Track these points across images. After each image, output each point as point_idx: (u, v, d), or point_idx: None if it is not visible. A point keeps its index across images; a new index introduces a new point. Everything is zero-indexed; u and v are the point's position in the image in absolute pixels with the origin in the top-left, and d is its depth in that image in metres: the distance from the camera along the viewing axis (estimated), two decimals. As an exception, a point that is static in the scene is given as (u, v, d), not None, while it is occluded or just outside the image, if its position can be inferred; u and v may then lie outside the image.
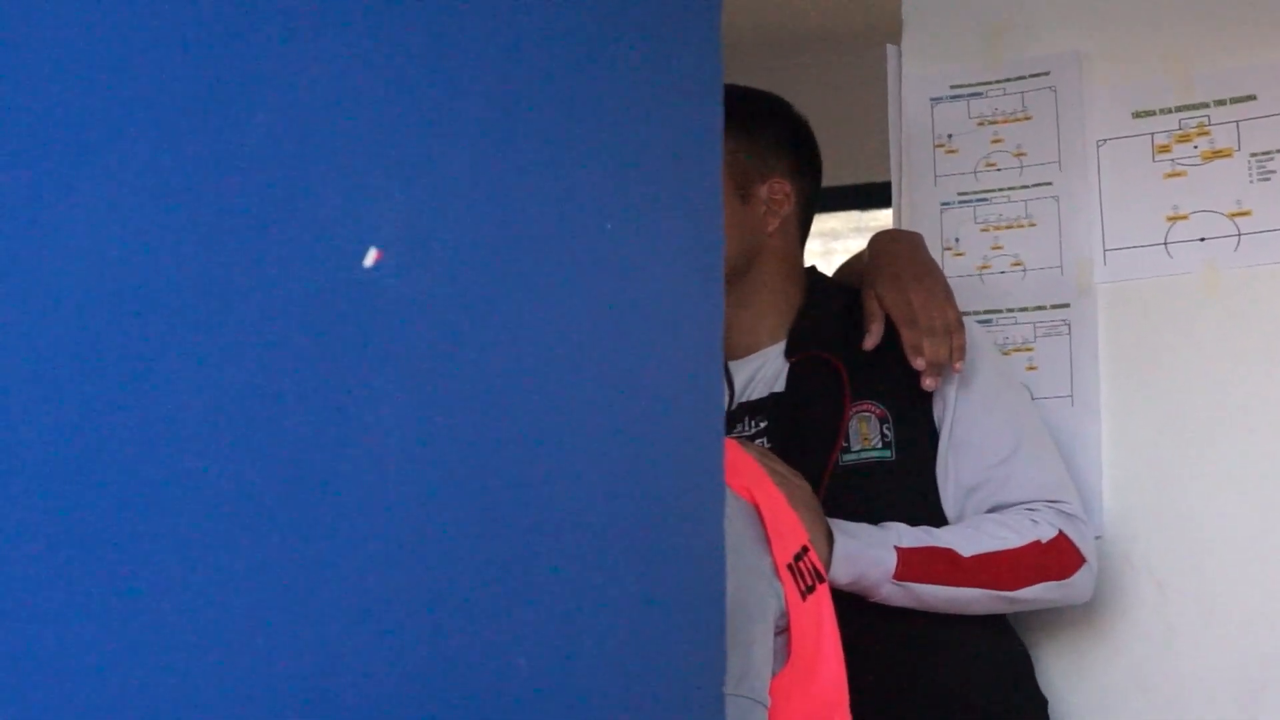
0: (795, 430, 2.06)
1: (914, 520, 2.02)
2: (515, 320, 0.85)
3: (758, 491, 1.51)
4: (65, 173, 0.64)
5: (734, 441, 1.61)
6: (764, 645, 1.42)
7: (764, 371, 2.11)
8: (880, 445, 2.05)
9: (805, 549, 1.53)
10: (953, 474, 2.05)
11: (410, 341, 0.78)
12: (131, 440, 0.66)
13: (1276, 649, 2.14)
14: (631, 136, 0.94)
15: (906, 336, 2.03)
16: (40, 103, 0.63)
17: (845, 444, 2.04)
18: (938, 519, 2.04)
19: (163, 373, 0.67)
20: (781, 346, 2.11)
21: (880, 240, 2.21)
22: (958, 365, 2.04)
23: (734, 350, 2.12)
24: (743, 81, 2.10)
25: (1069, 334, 2.28)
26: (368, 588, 0.75)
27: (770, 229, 2.11)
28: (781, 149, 2.14)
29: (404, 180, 0.79)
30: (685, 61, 0.99)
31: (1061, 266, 2.30)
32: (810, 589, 1.50)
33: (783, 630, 1.46)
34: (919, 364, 2.01)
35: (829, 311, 2.13)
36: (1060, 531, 2.02)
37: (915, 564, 1.96)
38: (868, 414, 2.05)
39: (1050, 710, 2.20)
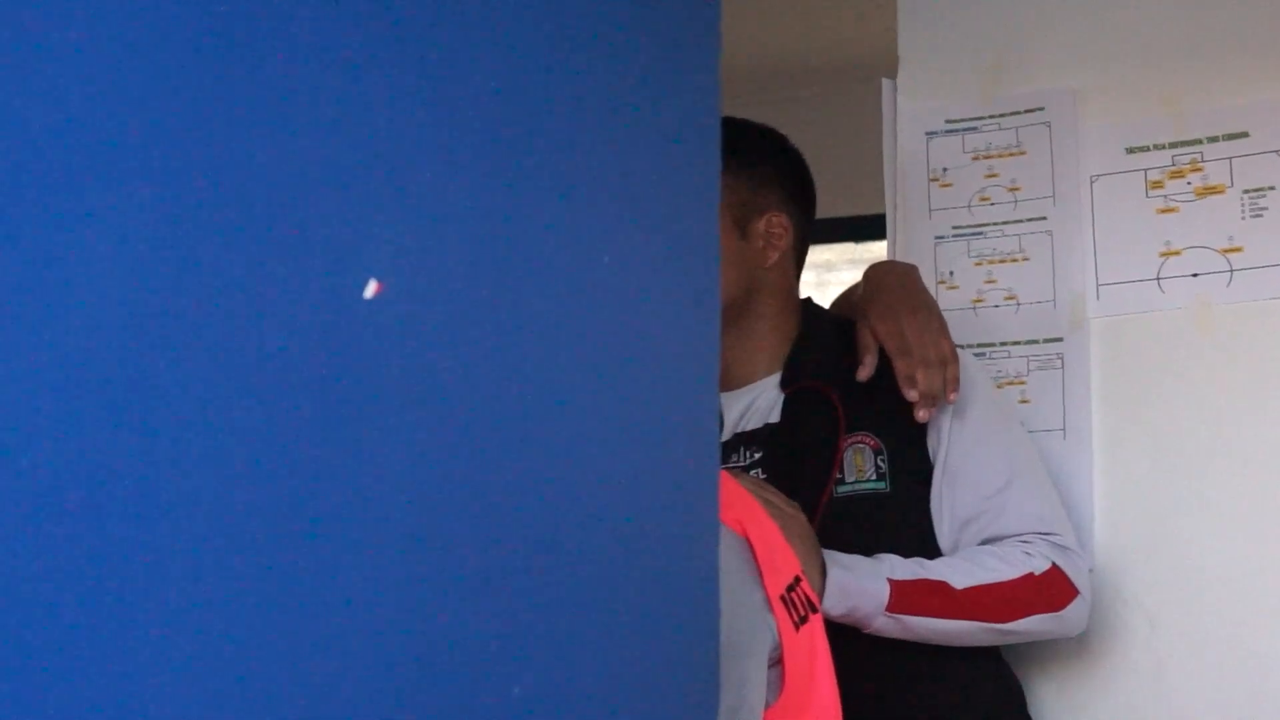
0: (790, 461, 2.06)
1: (908, 552, 2.02)
2: (511, 351, 0.85)
3: (749, 523, 1.52)
4: (73, 191, 0.65)
5: (726, 473, 1.61)
6: (757, 681, 1.42)
7: (759, 402, 2.11)
8: (875, 477, 2.05)
9: (798, 579, 1.53)
10: (947, 506, 2.05)
11: (407, 368, 0.79)
12: (139, 454, 0.66)
13: (1266, 684, 2.14)
14: (631, 169, 0.95)
15: (900, 367, 2.04)
16: (47, 129, 0.64)
17: (840, 475, 2.04)
18: (932, 550, 2.05)
19: (167, 389, 0.67)
20: (777, 378, 2.12)
21: (875, 271, 2.22)
22: (951, 396, 2.04)
23: (730, 381, 2.13)
24: (740, 114, 2.11)
25: (1062, 368, 2.28)
26: (363, 610, 0.76)
27: (769, 263, 2.12)
28: (778, 182, 2.15)
29: (403, 210, 0.79)
30: (684, 94, 1.00)
31: (1055, 300, 2.31)
32: (803, 620, 1.50)
33: (776, 662, 1.46)
34: (912, 395, 2.02)
35: (824, 343, 2.14)
36: (1053, 564, 2.02)
37: (908, 596, 1.95)
38: (862, 445, 2.06)
39: (1041, 744, 2.20)
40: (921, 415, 2.03)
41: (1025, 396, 2.30)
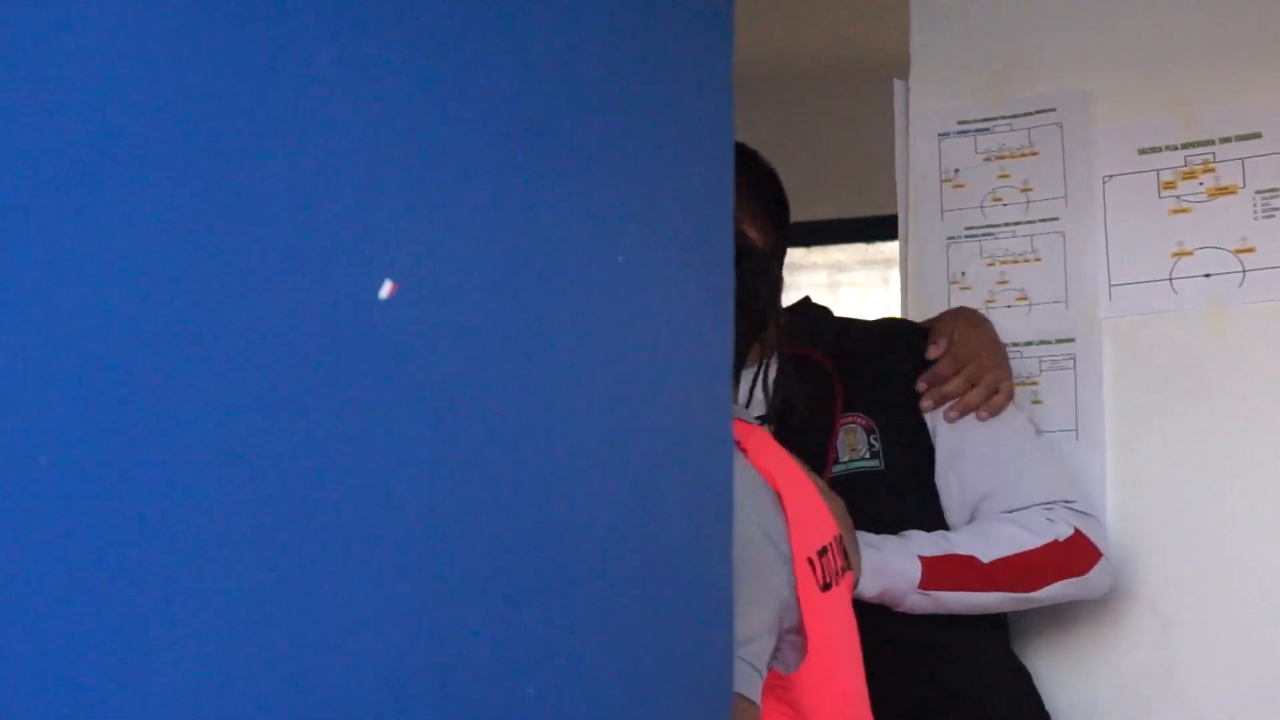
0: (786, 442, 2.07)
1: (903, 527, 2.04)
2: (525, 350, 0.85)
3: (783, 481, 1.51)
4: (89, 192, 0.65)
5: (772, 438, 1.61)
6: (761, 611, 1.41)
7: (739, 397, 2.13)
8: (868, 455, 2.07)
9: (827, 548, 1.52)
10: (956, 485, 2.07)
11: (422, 369, 0.79)
12: (151, 453, 0.66)
13: (1277, 684, 2.14)
14: (644, 170, 0.95)
15: (944, 364, 2.07)
16: (54, 130, 0.64)
17: (835, 456, 2.06)
18: (930, 526, 2.06)
19: (178, 388, 0.68)
20: (746, 374, 2.13)
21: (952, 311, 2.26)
22: (984, 414, 2.09)
23: None
24: (752, 115, 2.12)
25: (1074, 368, 2.28)
26: (377, 609, 0.76)
27: None
28: (745, 198, 2.14)
29: (417, 210, 0.79)
30: (697, 95, 1.00)
31: (1067, 301, 2.30)
32: (827, 585, 1.49)
33: (793, 629, 1.45)
34: (929, 399, 2.04)
35: (823, 323, 2.17)
36: (1076, 529, 2.04)
37: (939, 572, 1.97)
38: (854, 425, 2.08)
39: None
40: (927, 405, 2.06)
41: (1038, 397, 2.30)
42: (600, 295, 0.91)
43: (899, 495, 2.07)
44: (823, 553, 1.51)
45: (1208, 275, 2.23)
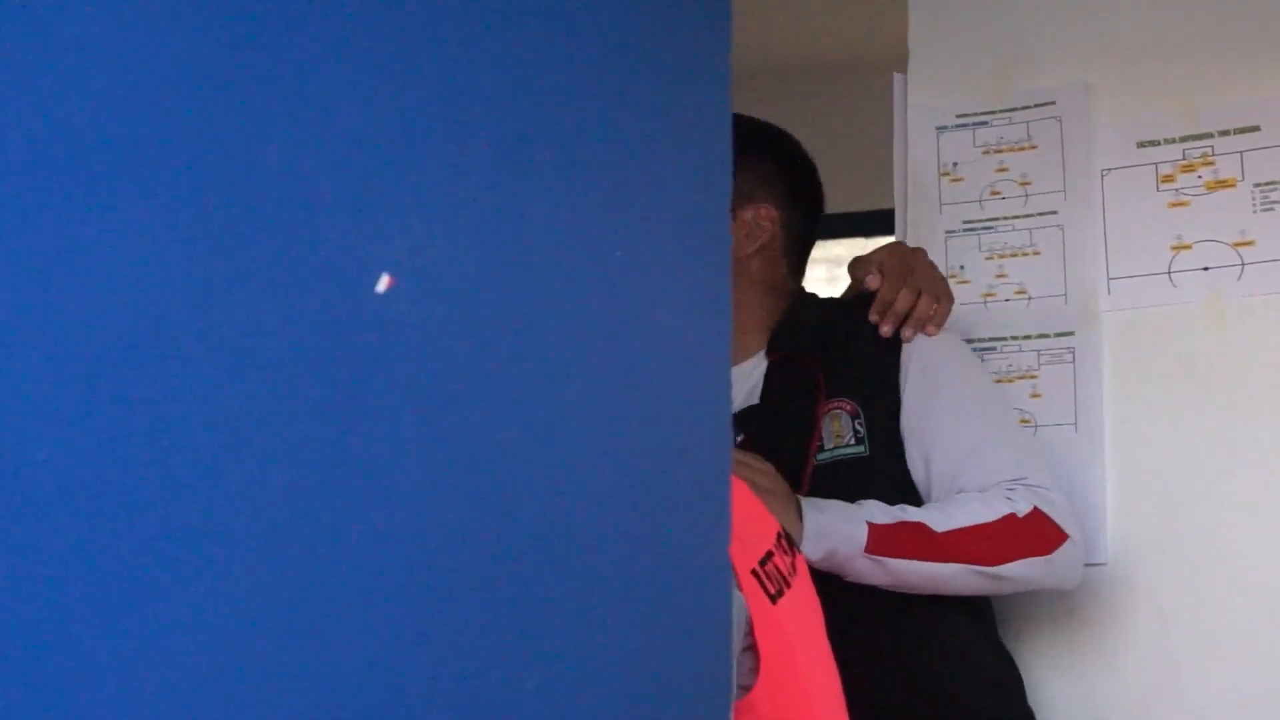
0: (771, 437, 2.08)
1: None
2: (522, 345, 0.85)
3: None
4: (75, 187, 0.65)
5: None
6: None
7: (740, 386, 2.13)
8: (853, 441, 2.07)
9: (771, 553, 1.48)
10: (922, 466, 2.07)
11: (419, 364, 0.79)
12: (145, 453, 0.66)
13: (1278, 680, 2.14)
14: (642, 165, 0.95)
15: (884, 291, 2.10)
16: (52, 122, 0.64)
17: (820, 443, 2.06)
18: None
19: (173, 392, 0.68)
20: (755, 360, 2.15)
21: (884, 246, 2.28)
22: (931, 329, 2.10)
23: None
24: (750, 109, 2.12)
25: (1073, 362, 2.28)
26: (375, 607, 0.76)
27: (746, 251, 2.16)
28: (777, 180, 2.20)
29: (415, 204, 0.79)
30: (696, 90, 1.00)
31: (1066, 295, 2.30)
32: (779, 593, 1.46)
33: (748, 647, 1.43)
34: (883, 324, 2.08)
35: (807, 318, 2.17)
36: (1035, 507, 2.01)
37: (887, 538, 1.95)
38: (839, 411, 2.08)
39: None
40: (886, 330, 2.08)
41: (1037, 391, 2.30)
42: (597, 289, 0.91)
43: (885, 480, 2.06)
44: (766, 560, 1.48)
45: (1206, 268, 2.23)
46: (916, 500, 2.06)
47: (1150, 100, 2.28)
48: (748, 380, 2.14)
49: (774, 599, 1.43)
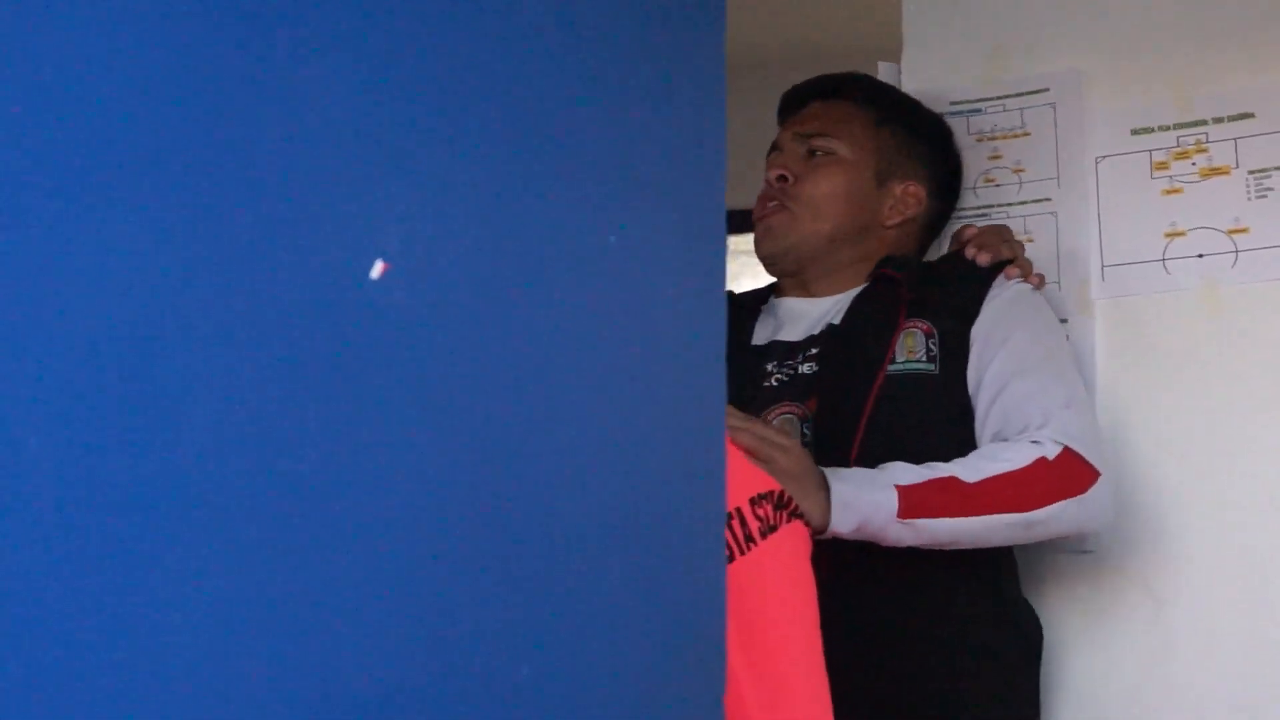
0: (846, 349, 2.13)
1: (954, 432, 2.05)
2: (519, 331, 0.85)
3: None
4: (72, 181, 0.65)
5: None
6: None
7: (832, 311, 2.20)
8: (925, 359, 2.09)
9: (730, 516, 1.46)
10: (980, 390, 2.08)
11: (414, 350, 0.79)
12: (140, 446, 0.66)
13: (1274, 666, 2.14)
14: (636, 151, 0.95)
15: (983, 237, 2.24)
16: (49, 114, 0.64)
17: (893, 358, 2.09)
18: (974, 438, 2.07)
19: (170, 381, 0.67)
20: (851, 292, 2.21)
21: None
22: (1033, 279, 2.19)
23: (818, 290, 2.24)
24: (746, 96, 2.13)
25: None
26: (371, 594, 0.76)
27: (889, 222, 2.25)
28: (931, 163, 2.29)
29: (410, 193, 0.79)
30: (690, 77, 1.00)
31: (1060, 282, 2.31)
32: (729, 557, 1.42)
33: None
34: (972, 250, 2.20)
35: (909, 259, 2.24)
36: (1065, 448, 2.00)
37: (919, 499, 1.93)
38: (914, 330, 2.12)
39: (1046, 725, 2.20)
40: (983, 259, 2.18)
41: (1030, 378, 2.30)
42: (592, 274, 0.90)
43: (951, 401, 2.08)
44: (725, 521, 1.45)
45: (1201, 256, 2.23)
46: (972, 421, 2.08)
47: (1144, 87, 2.28)
48: (843, 304, 2.20)
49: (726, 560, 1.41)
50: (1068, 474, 2.00)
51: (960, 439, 2.06)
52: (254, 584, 0.70)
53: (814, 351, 2.16)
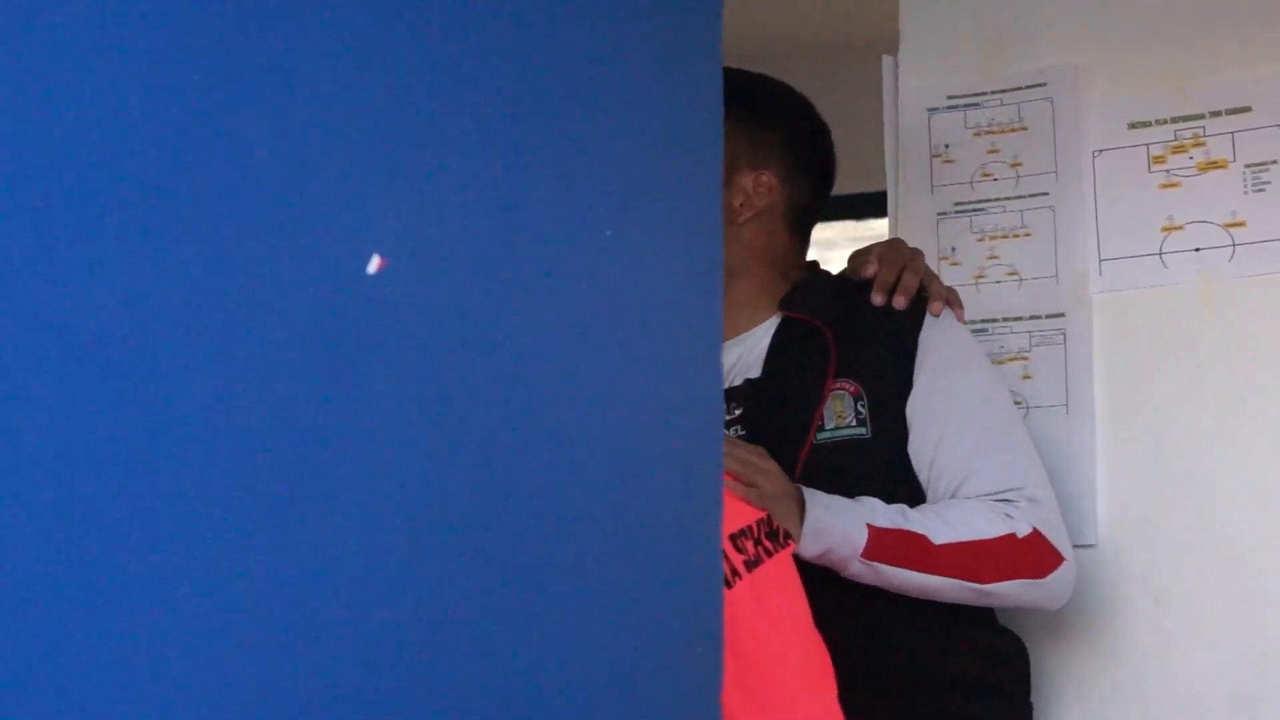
0: (771, 412, 2.06)
1: (890, 497, 2.01)
2: (515, 326, 0.85)
3: None
4: (69, 177, 0.64)
5: None
6: None
7: (747, 357, 2.11)
8: (855, 423, 2.04)
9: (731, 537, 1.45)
10: (923, 451, 2.04)
11: (410, 347, 0.79)
12: (137, 444, 0.66)
13: (1272, 662, 2.14)
14: (632, 144, 0.95)
15: (881, 273, 2.08)
16: (46, 109, 0.64)
17: (821, 423, 2.04)
18: (917, 495, 2.04)
19: (167, 378, 0.67)
20: (756, 332, 2.12)
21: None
22: (936, 307, 2.07)
23: None
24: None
25: (1064, 343, 2.28)
26: (369, 589, 0.76)
27: (742, 219, 2.12)
28: (782, 147, 2.15)
29: (407, 187, 0.79)
30: (686, 71, 1.00)
31: (1057, 276, 2.30)
32: (726, 585, 1.42)
33: None
34: (878, 297, 2.06)
35: (823, 288, 2.15)
36: (1035, 529, 1.99)
37: (885, 545, 1.93)
38: (841, 392, 2.05)
39: (1044, 720, 2.20)
40: (899, 302, 2.06)
41: (1028, 372, 2.30)
42: (589, 268, 0.90)
43: (886, 465, 2.04)
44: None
45: (1198, 249, 2.23)
46: (913, 484, 2.05)
47: (1142, 81, 2.28)
48: (753, 350, 2.11)
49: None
50: (1033, 556, 2.00)
51: (901, 503, 2.02)
52: (249, 578, 0.70)
53: (738, 411, 2.07)
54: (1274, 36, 2.21)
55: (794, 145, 2.16)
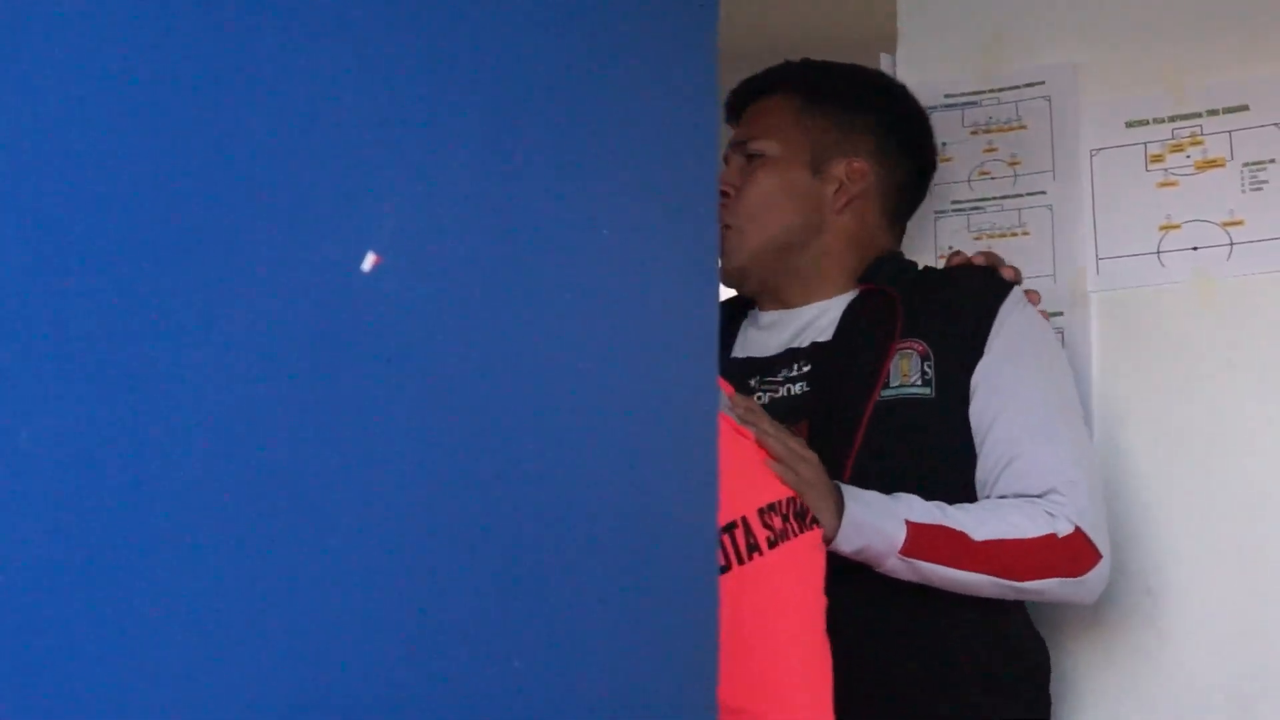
0: (838, 370, 2.07)
1: (950, 458, 2.02)
2: (511, 323, 0.85)
3: None
4: (64, 176, 0.64)
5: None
6: None
7: (818, 322, 2.13)
8: (920, 382, 2.04)
9: (734, 524, 1.44)
10: (981, 422, 2.03)
11: (405, 344, 0.79)
12: (132, 443, 0.66)
13: (1269, 658, 2.14)
14: (628, 142, 0.95)
15: (983, 257, 2.16)
16: (40, 106, 0.64)
17: (886, 380, 2.04)
18: (973, 460, 2.04)
19: (161, 376, 0.67)
20: (833, 302, 2.14)
21: None
22: (1009, 272, 2.13)
23: (788, 301, 2.16)
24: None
25: (1062, 342, 2.28)
26: (364, 588, 0.76)
27: (836, 207, 2.15)
28: (874, 133, 2.18)
29: (402, 185, 0.79)
30: (682, 67, 1.00)
31: (1055, 275, 2.31)
32: (725, 567, 1.41)
33: None
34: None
35: (902, 264, 2.18)
36: (1077, 527, 1.99)
37: (924, 541, 1.93)
38: (909, 351, 2.06)
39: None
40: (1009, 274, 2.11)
41: (1025, 371, 2.30)
42: (584, 266, 0.90)
43: (947, 427, 2.04)
44: (728, 529, 1.44)
45: (1195, 248, 2.23)
46: (973, 450, 2.04)
47: (1139, 80, 2.28)
48: (827, 315, 2.13)
49: (721, 570, 1.40)
50: (1073, 555, 2.00)
51: (956, 468, 2.03)
52: (246, 576, 0.70)
53: (804, 369, 2.10)
54: (1272, 36, 2.21)
55: (885, 129, 2.19)
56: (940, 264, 2.37)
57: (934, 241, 2.39)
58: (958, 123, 2.39)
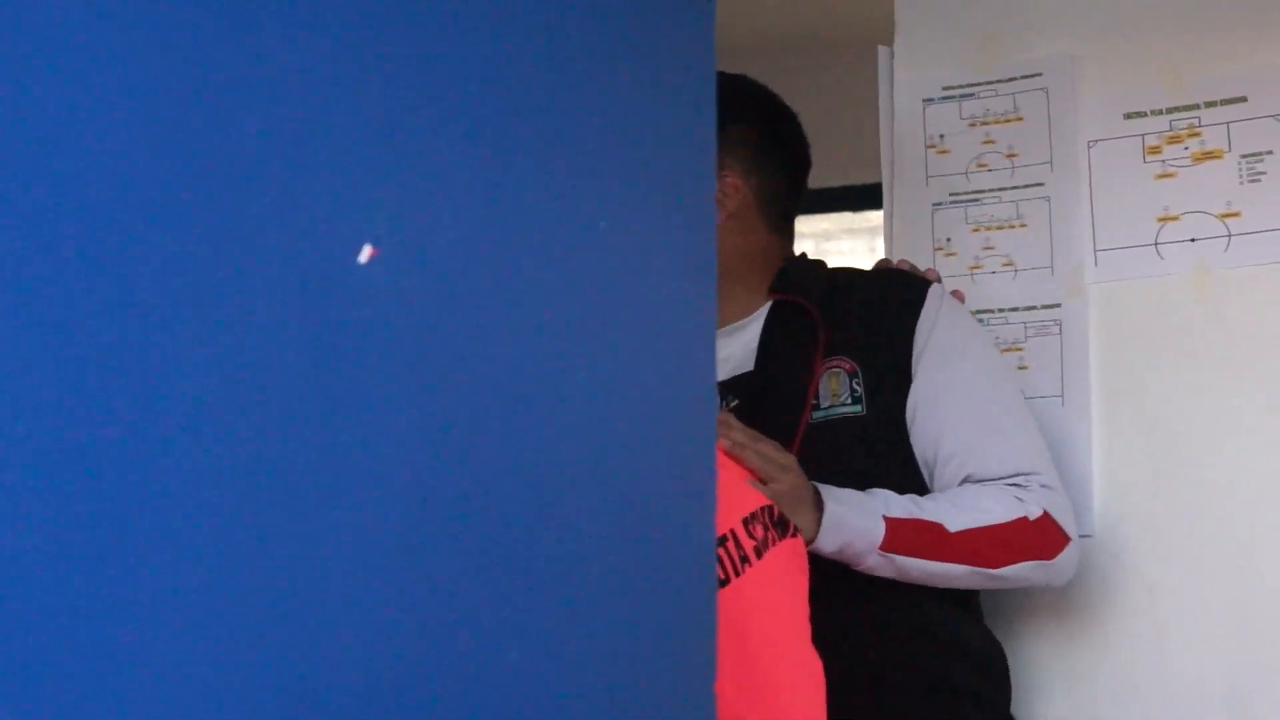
0: (766, 397, 2.05)
1: (888, 475, 2.01)
2: (508, 317, 0.85)
3: None
4: (58, 172, 0.64)
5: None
6: None
7: (735, 351, 2.10)
8: (849, 400, 2.04)
9: (724, 538, 1.45)
10: (928, 439, 2.04)
11: (402, 339, 0.78)
12: (125, 440, 0.66)
13: (1267, 654, 2.14)
14: (625, 136, 0.95)
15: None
16: (34, 101, 0.64)
17: (815, 402, 2.03)
18: (912, 473, 2.04)
19: (156, 371, 0.67)
20: (745, 324, 2.11)
21: None
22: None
23: None
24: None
25: (1060, 334, 2.28)
26: (360, 585, 0.76)
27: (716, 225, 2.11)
28: (740, 144, 2.12)
29: (398, 178, 0.79)
30: (679, 62, 1.00)
31: (1052, 267, 2.30)
32: (723, 581, 1.42)
33: None
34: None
35: (811, 269, 2.15)
36: (1045, 511, 2.01)
37: (903, 536, 1.94)
38: (837, 370, 2.05)
39: (1037, 712, 2.20)
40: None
41: (1023, 363, 2.30)
42: (581, 261, 0.90)
43: (882, 443, 2.03)
44: (720, 542, 1.44)
45: (1193, 240, 2.23)
46: (911, 464, 2.04)
47: (1137, 72, 2.28)
48: (747, 343, 2.10)
49: (721, 583, 1.41)
50: (1043, 538, 2.01)
51: (894, 483, 2.01)
52: (242, 571, 0.70)
53: (733, 404, 2.06)
54: (1269, 27, 2.21)
55: (753, 140, 2.14)
56: (936, 258, 2.37)
57: (932, 234, 2.39)
58: (955, 115, 2.39)
